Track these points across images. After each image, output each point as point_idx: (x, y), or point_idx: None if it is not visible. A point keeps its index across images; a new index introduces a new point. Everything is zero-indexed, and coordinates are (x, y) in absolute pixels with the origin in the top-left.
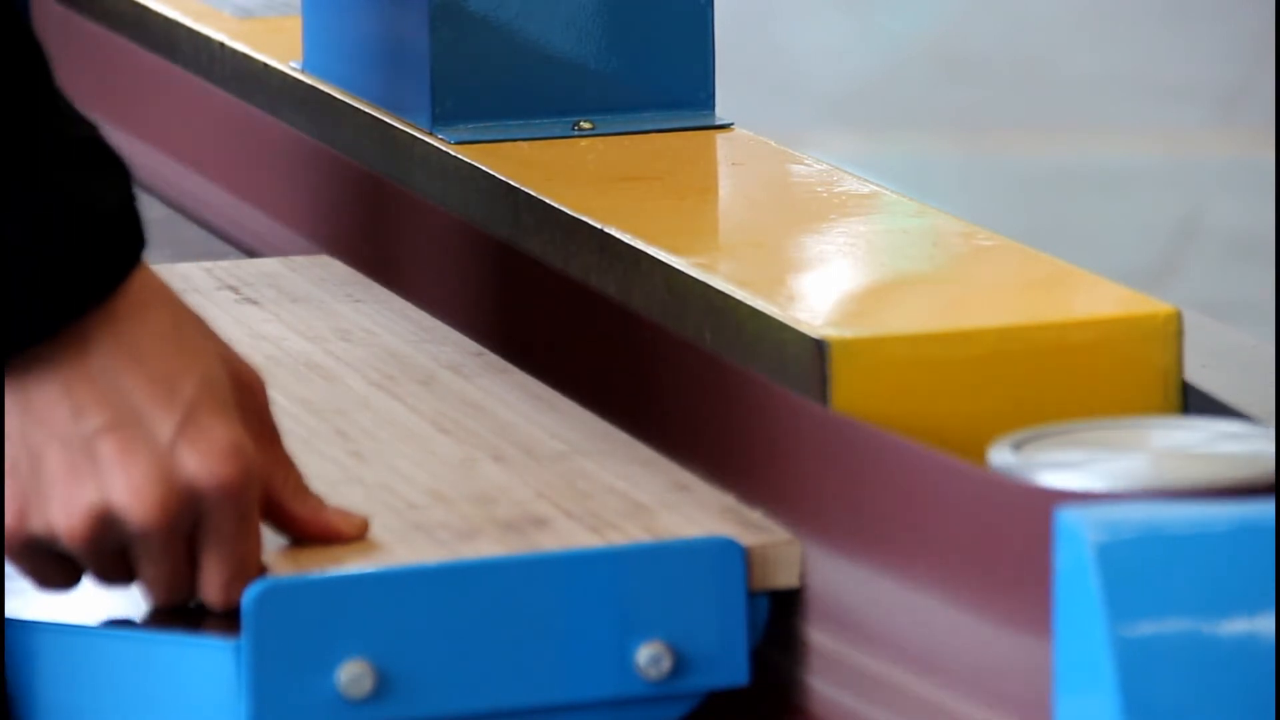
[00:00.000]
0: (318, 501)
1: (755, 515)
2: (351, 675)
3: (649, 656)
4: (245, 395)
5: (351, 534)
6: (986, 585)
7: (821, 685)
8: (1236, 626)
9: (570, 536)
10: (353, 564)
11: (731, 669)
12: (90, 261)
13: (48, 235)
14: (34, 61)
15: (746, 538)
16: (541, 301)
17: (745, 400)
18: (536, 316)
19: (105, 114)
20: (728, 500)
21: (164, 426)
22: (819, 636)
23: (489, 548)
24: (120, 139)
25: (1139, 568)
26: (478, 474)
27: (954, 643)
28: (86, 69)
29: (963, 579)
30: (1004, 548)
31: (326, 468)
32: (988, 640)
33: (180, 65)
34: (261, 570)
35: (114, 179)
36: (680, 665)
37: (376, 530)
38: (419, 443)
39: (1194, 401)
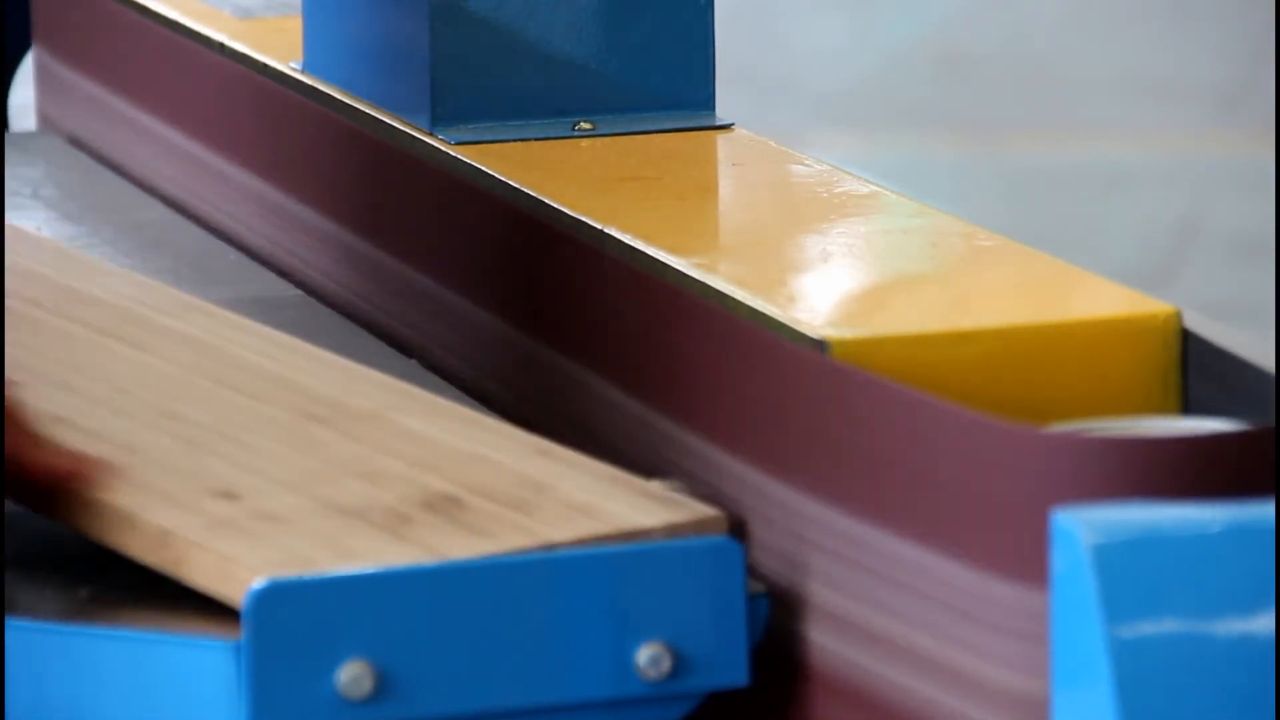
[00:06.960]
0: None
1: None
2: (351, 675)
3: (649, 657)
4: None
5: (81, 472)
6: (981, 531)
7: (821, 637)
8: (1231, 627)
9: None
10: (353, 564)
11: (731, 669)
12: None
13: None
14: None
15: (668, 515)
16: (549, 267)
17: (747, 354)
18: (545, 283)
19: (113, 85)
20: (617, 472)
21: None
22: (820, 590)
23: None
24: (129, 110)
25: (1134, 569)
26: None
27: (948, 589)
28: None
29: (958, 525)
30: (999, 492)
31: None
32: (981, 586)
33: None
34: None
35: None
36: (680, 666)
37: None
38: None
39: (1198, 348)
